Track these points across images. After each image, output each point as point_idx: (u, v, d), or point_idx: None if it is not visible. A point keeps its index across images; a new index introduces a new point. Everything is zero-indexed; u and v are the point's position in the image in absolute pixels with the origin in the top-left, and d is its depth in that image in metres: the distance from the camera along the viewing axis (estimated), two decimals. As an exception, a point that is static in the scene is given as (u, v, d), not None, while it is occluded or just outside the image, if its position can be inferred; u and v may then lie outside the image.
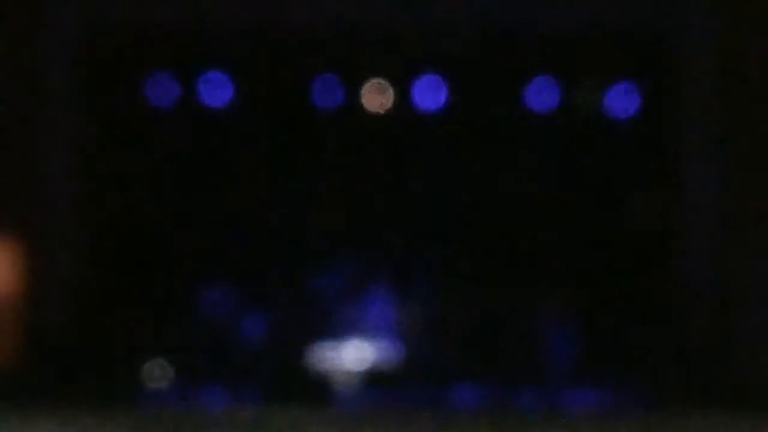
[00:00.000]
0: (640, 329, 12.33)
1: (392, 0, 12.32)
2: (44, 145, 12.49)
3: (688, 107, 12.78)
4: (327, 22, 13.08)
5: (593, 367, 12.92)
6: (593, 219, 13.91)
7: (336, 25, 13.03)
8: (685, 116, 12.83)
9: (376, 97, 14.85)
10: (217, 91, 14.62)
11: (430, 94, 14.66)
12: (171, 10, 12.63)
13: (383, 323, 14.81)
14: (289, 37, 13.24)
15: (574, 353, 13.59)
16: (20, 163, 12.02)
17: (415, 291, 14.65)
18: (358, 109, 14.64)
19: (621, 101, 14.22)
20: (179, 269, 14.14)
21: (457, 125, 14.51)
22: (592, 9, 12.30)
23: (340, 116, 14.59)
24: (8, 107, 11.75)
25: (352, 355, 14.65)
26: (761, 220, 11.47)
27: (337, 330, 14.70)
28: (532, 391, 11.43)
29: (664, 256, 13.05)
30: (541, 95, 14.47)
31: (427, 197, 15.16)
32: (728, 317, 11.88)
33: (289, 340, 13.48)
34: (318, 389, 11.50)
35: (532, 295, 13.85)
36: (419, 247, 15.26)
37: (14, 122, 11.88)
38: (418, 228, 15.26)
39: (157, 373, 13.34)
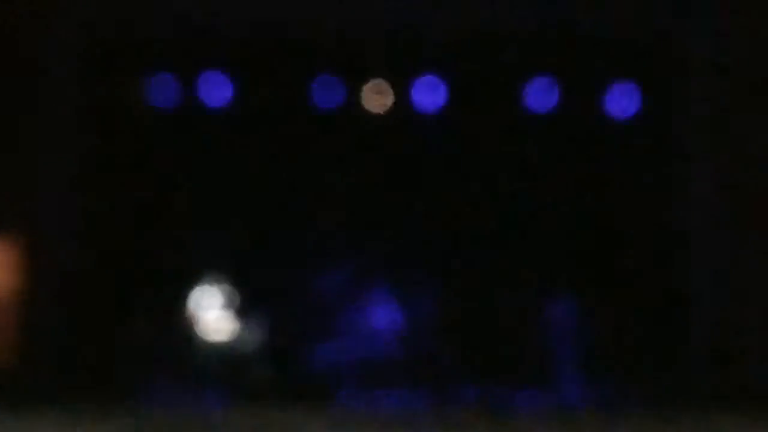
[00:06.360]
0: (641, 329, 12.38)
1: (392, 0, 12.39)
2: (45, 146, 12.55)
3: (690, 107, 12.84)
4: (326, 22, 13.16)
5: (595, 365, 12.95)
6: (594, 220, 13.95)
7: (336, 24, 13.11)
8: (687, 116, 12.89)
9: (376, 97, 14.88)
10: (217, 91, 14.67)
11: (430, 94, 14.69)
12: (172, 11, 12.74)
13: (383, 323, 14.85)
14: (289, 38, 13.33)
15: (577, 352, 13.63)
16: (21, 164, 12.07)
17: (416, 291, 14.69)
18: (359, 110, 14.69)
19: (621, 101, 14.24)
20: (179, 270, 14.19)
21: (458, 125, 14.55)
22: (593, 8, 12.36)
23: (341, 116, 14.64)
24: (9, 109, 11.80)
25: (352, 354, 14.71)
26: (763, 220, 11.52)
27: (337, 330, 14.76)
28: (533, 390, 11.46)
29: (666, 258, 13.10)
30: (540, 95, 14.50)
31: (426, 197, 15.21)
32: (728, 317, 11.92)
33: (288, 340, 13.53)
34: (318, 389, 11.53)
35: (533, 294, 13.90)
36: (419, 246, 15.32)
37: (14, 124, 11.93)
38: (418, 228, 15.31)
39: (156, 374, 13.38)
